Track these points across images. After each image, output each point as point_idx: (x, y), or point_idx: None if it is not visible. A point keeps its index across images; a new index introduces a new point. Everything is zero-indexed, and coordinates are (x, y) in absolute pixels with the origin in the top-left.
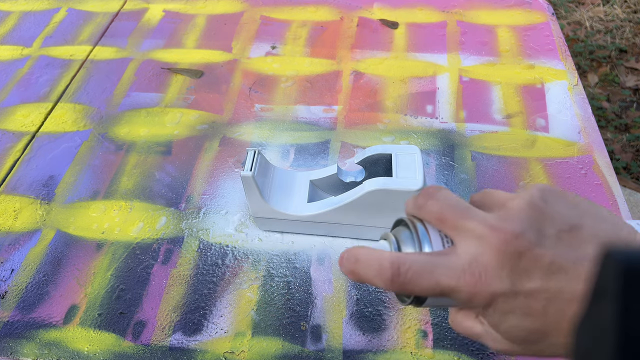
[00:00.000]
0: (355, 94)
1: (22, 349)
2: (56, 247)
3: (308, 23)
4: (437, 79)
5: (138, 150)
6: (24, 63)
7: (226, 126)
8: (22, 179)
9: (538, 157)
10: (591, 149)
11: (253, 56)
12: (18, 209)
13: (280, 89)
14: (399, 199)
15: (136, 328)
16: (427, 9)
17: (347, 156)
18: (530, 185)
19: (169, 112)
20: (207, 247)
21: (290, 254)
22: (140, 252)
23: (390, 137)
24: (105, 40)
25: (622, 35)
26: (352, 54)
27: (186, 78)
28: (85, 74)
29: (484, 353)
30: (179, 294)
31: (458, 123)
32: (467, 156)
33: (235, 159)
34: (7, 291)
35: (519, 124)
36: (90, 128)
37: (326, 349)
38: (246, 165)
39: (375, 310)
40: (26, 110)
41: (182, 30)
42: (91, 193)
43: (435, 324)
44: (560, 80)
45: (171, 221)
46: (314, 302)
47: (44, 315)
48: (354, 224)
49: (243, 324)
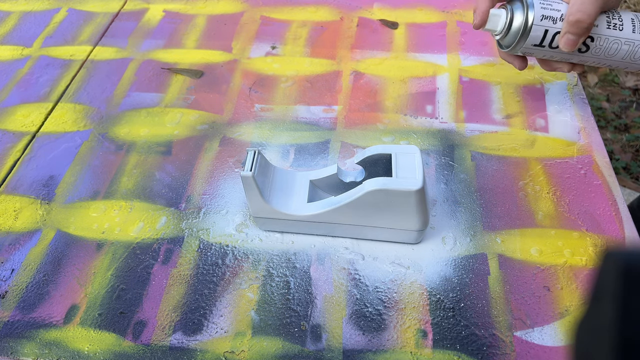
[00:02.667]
0: (355, 94)
1: (23, 348)
2: (56, 247)
3: (308, 23)
4: (437, 79)
5: (138, 150)
6: (24, 63)
7: (226, 126)
8: (22, 179)
9: (538, 157)
10: (591, 149)
11: (253, 56)
12: (18, 209)
13: (280, 89)
14: (399, 199)
15: (136, 328)
16: (427, 9)
17: (347, 156)
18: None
19: (169, 112)
20: (207, 247)
21: (290, 253)
22: (140, 252)
23: (390, 137)
24: (106, 41)
25: None
26: (352, 54)
27: (186, 78)
28: (85, 74)
29: (484, 353)
30: (179, 294)
31: (458, 123)
32: (466, 156)
33: (235, 159)
34: (8, 291)
35: (518, 124)
36: (90, 128)
37: (326, 349)
38: (246, 165)
39: (375, 310)
40: (26, 110)
41: (182, 31)
42: (91, 193)
43: (435, 323)
44: (560, 81)
45: (171, 221)
46: (314, 302)
47: (44, 315)
48: (354, 224)
49: (243, 324)
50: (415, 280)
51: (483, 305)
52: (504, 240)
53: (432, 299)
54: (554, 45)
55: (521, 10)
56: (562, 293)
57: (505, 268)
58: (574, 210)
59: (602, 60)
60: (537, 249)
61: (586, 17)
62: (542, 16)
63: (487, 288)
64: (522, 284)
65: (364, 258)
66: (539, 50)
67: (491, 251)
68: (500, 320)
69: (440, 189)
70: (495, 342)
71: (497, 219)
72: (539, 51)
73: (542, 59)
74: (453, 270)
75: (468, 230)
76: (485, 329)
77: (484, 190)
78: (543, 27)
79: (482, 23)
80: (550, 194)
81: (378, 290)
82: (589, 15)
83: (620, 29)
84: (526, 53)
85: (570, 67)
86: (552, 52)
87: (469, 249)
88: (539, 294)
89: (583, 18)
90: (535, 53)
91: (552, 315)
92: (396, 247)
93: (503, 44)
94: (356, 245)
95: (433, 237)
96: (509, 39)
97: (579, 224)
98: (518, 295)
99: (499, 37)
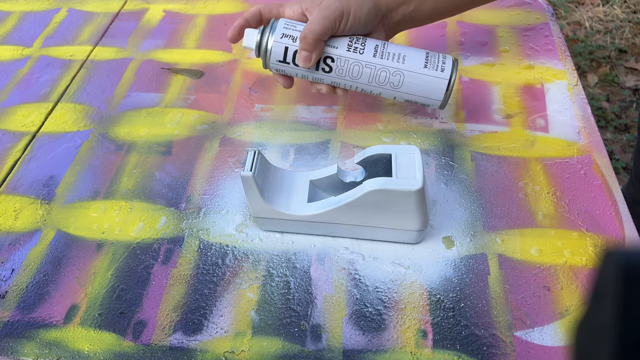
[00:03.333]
0: (355, 94)
1: (23, 348)
2: (56, 247)
3: None
4: None
5: (138, 150)
6: (24, 63)
7: (226, 126)
8: (22, 179)
9: (538, 157)
10: (591, 149)
11: (253, 56)
12: (18, 209)
13: (280, 89)
14: (399, 199)
15: (136, 328)
16: None
17: (347, 156)
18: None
19: (169, 112)
20: (207, 247)
21: (290, 253)
22: (140, 252)
23: (390, 137)
24: (106, 41)
25: (622, 36)
26: None
27: (186, 78)
28: (85, 74)
29: (484, 353)
30: (179, 294)
31: (458, 123)
32: (466, 156)
33: (235, 159)
34: (8, 291)
35: (518, 124)
36: (90, 128)
37: (326, 349)
38: (246, 165)
39: (375, 310)
40: (26, 111)
41: (182, 31)
42: (91, 193)
43: (435, 324)
44: (560, 81)
45: (171, 221)
46: (314, 302)
47: (44, 315)
48: (354, 224)
49: (243, 324)
50: (415, 280)
51: (483, 305)
52: (504, 240)
53: (432, 299)
54: (297, 62)
55: (269, 30)
56: (562, 293)
57: (505, 268)
58: (573, 210)
59: (350, 82)
60: (537, 249)
61: (311, 33)
62: (283, 34)
63: (487, 288)
64: (522, 284)
65: (364, 258)
66: (287, 68)
67: (491, 251)
68: (500, 320)
69: (440, 189)
70: (495, 342)
71: (497, 219)
72: (287, 68)
73: (303, 79)
74: (453, 270)
75: (468, 230)
76: (485, 329)
77: (484, 190)
78: (283, 44)
79: (232, 36)
80: (550, 194)
81: (378, 290)
82: (314, 32)
83: (360, 52)
84: (279, 70)
85: (329, 89)
86: (302, 71)
87: (469, 249)
88: (539, 294)
89: (308, 34)
90: (287, 70)
91: (552, 315)
92: (396, 247)
93: (263, 62)
94: (356, 245)
95: (433, 237)
96: (262, 57)
97: (579, 224)
98: (518, 295)
99: (255, 54)
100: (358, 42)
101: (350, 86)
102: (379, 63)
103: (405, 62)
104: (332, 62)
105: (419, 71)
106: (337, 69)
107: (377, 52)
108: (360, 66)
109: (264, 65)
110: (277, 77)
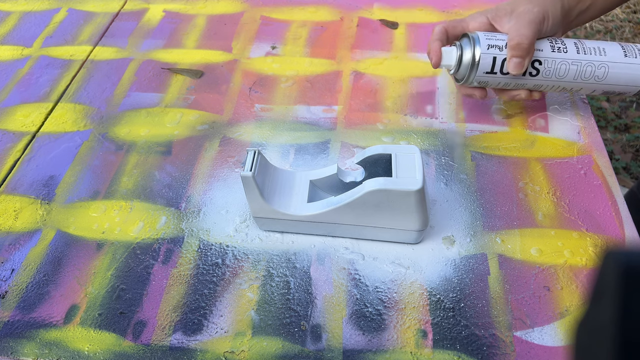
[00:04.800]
0: (355, 94)
1: (23, 348)
2: (56, 247)
3: (308, 23)
4: (437, 79)
5: (138, 150)
6: (24, 63)
7: (226, 126)
8: (22, 179)
9: (538, 157)
10: (591, 149)
11: (253, 56)
12: (18, 209)
13: (280, 89)
14: (399, 199)
15: (136, 328)
16: (427, 9)
17: (347, 156)
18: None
19: (169, 112)
20: (207, 247)
21: (290, 253)
22: (140, 252)
23: (390, 137)
24: (106, 41)
25: (622, 36)
26: (352, 54)
27: (186, 78)
28: (85, 74)
29: (484, 353)
30: (179, 294)
31: (458, 123)
32: (466, 156)
33: (235, 159)
34: (8, 291)
35: (518, 124)
36: (90, 128)
37: (326, 349)
38: (246, 165)
39: (375, 310)
40: (26, 110)
41: (182, 31)
42: (91, 193)
43: (435, 324)
44: None
45: (171, 221)
46: (314, 302)
47: (45, 315)
48: (354, 224)
49: (243, 324)
50: (415, 280)
51: (483, 305)
52: (504, 240)
53: (432, 299)
54: (504, 71)
55: (469, 44)
56: (562, 293)
57: (505, 268)
58: (573, 211)
59: (555, 81)
60: (537, 249)
61: (524, 39)
62: (489, 45)
63: (487, 288)
64: (522, 284)
65: (364, 258)
66: (493, 78)
67: (491, 251)
68: (500, 320)
69: (440, 189)
70: (495, 342)
71: (497, 219)
72: (492, 79)
73: (500, 88)
74: (453, 270)
75: (468, 230)
76: (485, 329)
77: (484, 190)
78: (491, 54)
79: (438, 60)
80: (550, 194)
81: (378, 290)
82: (527, 37)
83: (564, 51)
84: (482, 83)
85: (527, 94)
86: (506, 79)
87: (469, 249)
88: (539, 294)
89: (522, 40)
90: (490, 81)
91: (552, 315)
92: (396, 247)
93: (458, 77)
94: (356, 245)
95: (433, 237)
96: (462, 71)
97: (579, 224)
98: (518, 295)
99: (452, 71)
100: (557, 42)
101: (552, 86)
102: (584, 59)
103: (607, 54)
104: (540, 65)
105: (622, 60)
106: (544, 70)
107: (579, 48)
108: (567, 64)
109: (464, 80)
110: (473, 91)
